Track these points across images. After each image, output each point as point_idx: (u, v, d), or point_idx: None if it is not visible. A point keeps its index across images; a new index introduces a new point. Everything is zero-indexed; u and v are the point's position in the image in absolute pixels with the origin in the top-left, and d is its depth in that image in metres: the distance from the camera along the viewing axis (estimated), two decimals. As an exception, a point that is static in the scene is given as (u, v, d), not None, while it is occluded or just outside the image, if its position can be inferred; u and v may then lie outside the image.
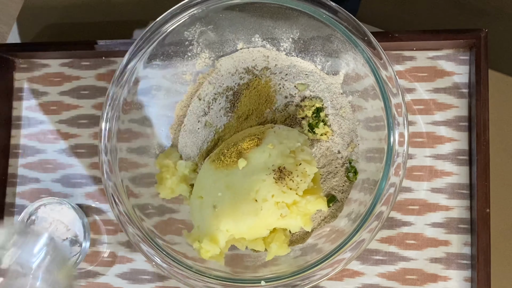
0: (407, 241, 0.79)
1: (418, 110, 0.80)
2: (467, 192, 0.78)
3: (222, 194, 0.69)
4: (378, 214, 0.67)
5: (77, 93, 0.90)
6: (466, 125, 0.79)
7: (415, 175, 0.79)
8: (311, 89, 0.79)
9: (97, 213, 0.87)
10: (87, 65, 0.90)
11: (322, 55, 0.78)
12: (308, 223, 0.69)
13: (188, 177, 0.80)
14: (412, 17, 1.11)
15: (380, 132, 0.71)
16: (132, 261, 0.86)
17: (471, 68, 0.78)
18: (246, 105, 0.79)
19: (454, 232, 0.78)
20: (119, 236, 0.86)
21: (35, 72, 0.92)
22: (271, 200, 0.67)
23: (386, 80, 0.68)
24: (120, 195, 0.74)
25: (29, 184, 0.90)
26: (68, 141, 0.90)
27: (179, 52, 0.79)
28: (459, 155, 0.78)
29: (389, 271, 0.79)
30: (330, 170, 0.78)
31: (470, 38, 0.77)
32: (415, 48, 0.81)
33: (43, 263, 0.66)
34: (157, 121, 0.82)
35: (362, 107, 0.77)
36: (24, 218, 0.85)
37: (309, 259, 0.72)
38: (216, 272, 0.72)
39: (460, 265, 0.77)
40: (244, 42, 0.81)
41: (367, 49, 0.69)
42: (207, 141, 0.81)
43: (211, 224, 0.69)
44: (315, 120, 0.77)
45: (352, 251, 0.68)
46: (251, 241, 0.73)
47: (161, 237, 0.75)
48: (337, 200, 0.77)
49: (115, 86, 0.75)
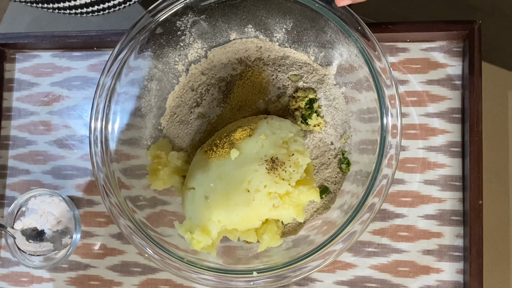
0: (399, 233, 0.79)
1: (411, 102, 0.80)
2: (459, 184, 0.78)
3: (214, 185, 0.69)
4: (370, 205, 0.67)
5: (68, 84, 0.89)
6: (459, 117, 0.78)
7: (408, 167, 0.79)
8: (304, 80, 0.79)
9: (88, 205, 0.87)
10: (78, 56, 0.89)
11: (315, 46, 0.78)
12: (301, 214, 0.69)
13: (180, 168, 0.79)
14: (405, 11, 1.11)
15: (373, 123, 0.71)
16: (123, 253, 0.85)
17: (464, 60, 0.78)
18: (239, 96, 0.79)
19: (446, 224, 0.78)
20: (110, 228, 0.86)
21: (25, 62, 0.91)
22: (263, 190, 0.67)
23: (380, 71, 0.68)
24: (111, 186, 0.73)
25: (19, 176, 0.90)
26: (59, 132, 0.89)
27: (171, 42, 0.79)
28: (452, 147, 0.78)
29: (381, 263, 0.79)
30: (323, 162, 0.77)
31: (464, 30, 0.76)
32: (408, 39, 0.80)
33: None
34: (149, 112, 0.81)
35: (355, 98, 0.77)
36: (14, 210, 0.84)
37: (301, 250, 0.71)
38: (208, 264, 0.72)
39: (453, 257, 0.77)
40: (237, 33, 0.80)
41: (361, 39, 0.68)
42: (200, 132, 0.80)
43: (203, 215, 0.69)
44: (308, 111, 0.77)
45: (343, 242, 0.68)
46: (243, 232, 0.72)
47: (153, 229, 0.75)
48: (330, 191, 0.77)
49: (106, 76, 0.74)
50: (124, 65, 0.74)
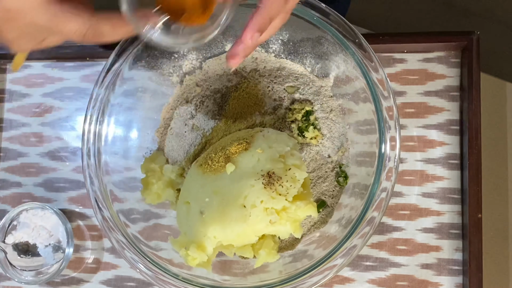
0: (397, 246, 0.77)
1: (409, 114, 0.79)
2: (458, 197, 0.77)
3: (210, 200, 0.67)
4: (370, 219, 0.66)
5: (60, 95, 0.88)
6: (457, 129, 0.78)
7: (406, 179, 0.78)
8: (300, 92, 0.78)
9: (81, 218, 0.85)
10: (71, 66, 0.88)
11: (311, 57, 0.77)
12: (298, 229, 0.68)
13: (174, 181, 0.78)
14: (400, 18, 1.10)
15: (371, 135, 0.70)
16: (117, 268, 0.84)
17: (462, 71, 0.77)
18: (235, 108, 0.78)
19: (445, 237, 0.76)
20: (103, 242, 0.84)
21: (17, 73, 0.90)
22: (260, 206, 0.66)
23: (377, 82, 0.67)
24: (104, 200, 0.72)
25: (10, 189, 0.88)
26: (51, 144, 0.87)
27: (165, 53, 0.77)
28: (450, 159, 0.77)
29: (379, 277, 0.77)
30: (320, 175, 0.76)
31: (462, 41, 0.76)
32: (405, 50, 0.80)
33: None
34: (142, 124, 0.80)
35: (352, 110, 0.76)
36: (5, 224, 0.83)
37: (300, 266, 0.70)
38: (203, 280, 0.70)
39: (452, 271, 0.76)
40: (232, 43, 0.79)
41: (358, 51, 0.67)
42: (194, 145, 0.79)
43: (198, 231, 0.67)
44: (304, 124, 0.76)
45: (343, 257, 0.66)
46: (239, 248, 0.71)
47: (146, 244, 0.73)
48: (327, 205, 0.76)
49: (99, 87, 0.73)
50: (118, 76, 0.73)
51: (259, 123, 0.77)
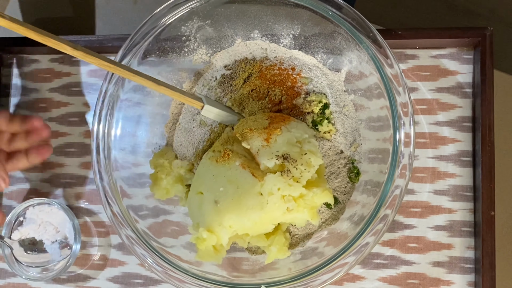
0: (409, 244, 0.77)
1: (421, 110, 0.78)
2: (470, 194, 0.76)
3: (225, 189, 0.67)
4: (382, 217, 0.65)
5: (67, 90, 0.87)
6: (469, 126, 0.77)
7: (417, 176, 0.77)
8: (314, 84, 0.76)
9: (88, 214, 0.84)
10: (78, 61, 0.87)
11: (323, 52, 0.76)
12: (315, 216, 0.68)
13: (183, 177, 0.77)
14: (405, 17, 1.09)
15: (383, 132, 0.69)
16: (124, 264, 0.83)
17: (475, 68, 0.77)
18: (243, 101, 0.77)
19: (457, 235, 0.76)
20: (110, 238, 0.83)
21: (23, 68, 0.89)
22: (277, 193, 0.65)
23: (391, 78, 0.66)
24: (113, 195, 0.72)
25: (17, 184, 0.87)
26: (58, 140, 0.86)
27: (175, 47, 0.77)
28: (463, 156, 0.77)
29: (390, 275, 0.77)
30: (333, 171, 0.75)
31: (475, 37, 0.75)
32: (418, 46, 0.79)
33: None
34: (151, 119, 0.79)
35: (364, 106, 0.75)
36: (11, 220, 0.82)
37: (310, 263, 0.69)
38: (213, 276, 0.70)
39: (463, 269, 0.75)
40: (242, 38, 0.78)
41: (372, 46, 0.67)
42: (203, 141, 0.78)
43: (212, 220, 0.67)
44: (319, 117, 0.75)
45: (355, 255, 0.66)
46: (254, 237, 0.71)
47: (155, 239, 0.73)
48: (339, 201, 0.75)
49: (108, 83, 0.73)
50: (128, 70, 0.72)
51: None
